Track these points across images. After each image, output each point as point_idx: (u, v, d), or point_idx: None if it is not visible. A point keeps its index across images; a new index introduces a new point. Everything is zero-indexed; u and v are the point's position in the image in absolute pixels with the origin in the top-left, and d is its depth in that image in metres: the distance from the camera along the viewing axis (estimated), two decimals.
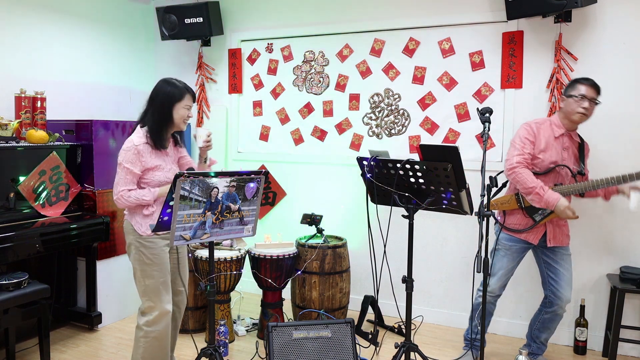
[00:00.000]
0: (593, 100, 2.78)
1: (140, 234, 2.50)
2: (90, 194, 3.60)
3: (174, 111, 2.52)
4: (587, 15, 3.30)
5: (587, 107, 2.77)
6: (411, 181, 2.34)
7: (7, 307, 2.76)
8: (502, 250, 2.97)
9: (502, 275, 2.98)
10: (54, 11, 3.91)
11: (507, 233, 2.94)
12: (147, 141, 2.49)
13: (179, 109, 2.52)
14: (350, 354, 2.74)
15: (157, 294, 2.53)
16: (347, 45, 4.05)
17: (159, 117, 2.52)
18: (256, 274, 3.47)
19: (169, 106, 2.51)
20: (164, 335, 2.56)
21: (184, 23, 4.24)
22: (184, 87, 2.56)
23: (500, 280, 2.99)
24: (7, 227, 3.03)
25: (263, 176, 2.32)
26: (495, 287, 2.99)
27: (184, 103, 2.53)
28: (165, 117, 2.52)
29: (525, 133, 2.86)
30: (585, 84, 2.80)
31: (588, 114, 2.79)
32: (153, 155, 2.51)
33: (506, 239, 2.96)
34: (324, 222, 3.90)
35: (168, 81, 2.56)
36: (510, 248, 2.95)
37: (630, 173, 2.70)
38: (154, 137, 2.50)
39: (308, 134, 4.25)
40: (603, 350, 3.33)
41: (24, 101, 3.42)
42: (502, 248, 2.97)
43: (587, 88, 2.79)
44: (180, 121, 2.55)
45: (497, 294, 3.03)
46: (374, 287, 2.53)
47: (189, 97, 2.55)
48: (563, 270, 2.90)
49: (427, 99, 3.80)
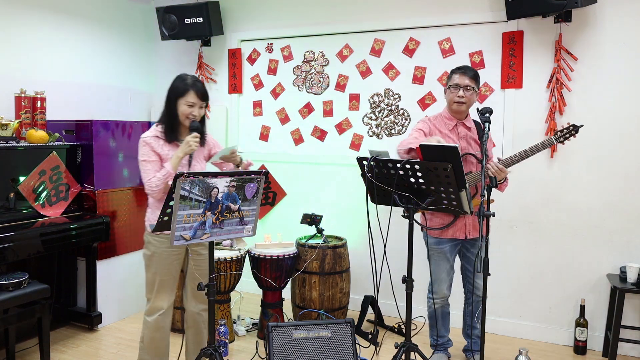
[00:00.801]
0: (467, 87, 2.79)
1: (148, 229, 2.55)
2: (90, 194, 3.60)
3: (177, 106, 2.53)
4: (587, 15, 3.30)
5: (462, 95, 2.79)
6: (411, 181, 2.34)
7: (7, 307, 2.76)
8: (435, 255, 2.96)
9: (445, 277, 3.00)
10: (54, 11, 3.91)
11: (434, 236, 2.93)
12: (157, 134, 2.54)
13: (181, 104, 2.52)
14: (350, 354, 2.74)
15: (152, 289, 2.60)
16: (347, 45, 4.05)
17: (166, 110, 2.56)
18: (256, 274, 3.47)
19: (173, 100, 2.53)
20: (160, 327, 2.61)
21: (184, 23, 4.24)
22: (191, 83, 2.53)
23: (445, 282, 3.01)
24: (7, 227, 3.03)
25: (263, 176, 2.32)
26: (443, 290, 3.01)
27: (186, 99, 2.51)
28: (171, 111, 2.54)
29: (421, 125, 2.90)
30: (457, 72, 2.83)
31: (466, 101, 2.81)
32: (166, 148, 2.54)
33: (434, 242, 2.94)
34: (324, 222, 3.90)
35: (180, 76, 2.58)
36: (442, 250, 2.95)
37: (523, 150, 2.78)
38: (165, 130, 2.54)
39: (308, 134, 4.25)
40: (603, 350, 3.33)
41: (24, 101, 3.42)
42: (435, 253, 2.96)
43: (459, 76, 2.81)
44: (182, 117, 2.54)
45: (447, 295, 3.05)
46: (374, 287, 2.53)
47: (192, 94, 2.51)
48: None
49: (427, 99, 3.80)
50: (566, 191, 3.43)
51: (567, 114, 3.38)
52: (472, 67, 2.95)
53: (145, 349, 2.64)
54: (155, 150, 2.52)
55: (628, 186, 3.27)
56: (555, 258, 3.48)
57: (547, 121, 3.43)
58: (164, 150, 2.53)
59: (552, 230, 3.48)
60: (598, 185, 3.35)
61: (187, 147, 2.45)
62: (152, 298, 2.60)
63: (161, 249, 2.55)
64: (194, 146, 2.46)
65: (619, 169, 3.29)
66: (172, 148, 2.55)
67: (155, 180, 2.46)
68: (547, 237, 3.50)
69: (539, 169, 3.46)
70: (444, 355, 3.15)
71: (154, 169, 2.50)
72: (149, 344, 2.63)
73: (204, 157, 2.69)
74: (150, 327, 2.61)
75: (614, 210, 3.32)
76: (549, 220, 3.49)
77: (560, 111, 3.39)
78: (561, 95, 3.38)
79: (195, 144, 2.47)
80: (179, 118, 2.54)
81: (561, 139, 2.76)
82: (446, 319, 3.14)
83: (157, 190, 2.47)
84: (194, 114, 2.53)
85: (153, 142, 2.52)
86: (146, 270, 2.61)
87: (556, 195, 3.45)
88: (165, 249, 2.55)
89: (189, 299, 2.71)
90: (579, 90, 3.36)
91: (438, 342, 3.14)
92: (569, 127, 2.76)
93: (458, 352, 3.31)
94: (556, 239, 3.47)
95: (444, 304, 3.07)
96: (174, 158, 2.47)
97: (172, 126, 2.55)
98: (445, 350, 3.18)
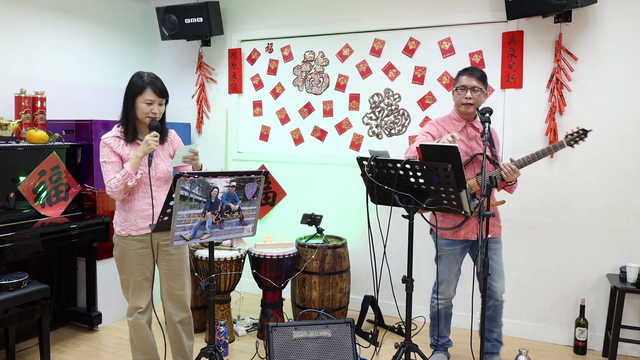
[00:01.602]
0: (474, 88, 2.80)
1: (116, 232, 2.56)
2: (90, 194, 3.60)
3: (136, 104, 2.48)
4: (587, 15, 3.30)
5: (469, 96, 2.80)
6: (411, 181, 2.34)
7: (7, 307, 2.76)
8: (445, 256, 2.96)
9: (453, 279, 3.00)
10: (54, 11, 3.91)
11: (446, 237, 2.92)
12: (118, 135, 2.51)
13: (139, 102, 2.47)
14: (350, 354, 2.74)
15: (127, 290, 2.62)
16: (347, 45, 4.05)
17: (124, 110, 2.52)
18: (256, 274, 3.47)
19: (131, 99, 2.49)
20: (140, 326, 2.62)
21: (184, 23, 4.24)
22: (149, 80, 2.47)
23: (452, 284, 3.01)
24: (7, 227, 3.03)
25: (263, 176, 2.32)
26: (450, 291, 3.01)
27: (144, 97, 2.46)
28: (128, 109, 2.50)
29: (429, 128, 2.92)
30: (464, 73, 2.85)
31: (474, 102, 2.81)
32: (127, 148, 2.50)
33: (446, 243, 2.94)
34: (324, 222, 3.90)
35: (138, 73, 2.52)
36: (452, 252, 2.95)
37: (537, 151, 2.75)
38: (123, 129, 2.51)
39: (308, 134, 4.25)
40: (603, 350, 3.33)
41: (24, 101, 3.42)
42: (444, 254, 2.96)
43: (466, 77, 2.82)
44: (142, 116, 2.49)
45: (453, 297, 3.05)
46: (374, 287, 2.53)
47: (150, 92, 2.45)
48: (494, 263, 2.90)
49: (427, 99, 3.80)
50: (566, 191, 3.43)
51: (567, 114, 3.38)
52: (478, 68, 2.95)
53: (137, 349, 2.66)
54: (116, 151, 2.48)
55: (628, 186, 3.28)
56: (555, 258, 3.48)
57: (547, 121, 3.43)
58: (125, 150, 2.50)
59: (552, 230, 3.48)
60: (598, 185, 3.35)
61: (146, 147, 2.41)
62: (129, 298, 2.63)
63: (129, 250, 2.54)
64: (153, 145, 2.41)
65: (619, 169, 3.29)
66: (133, 148, 2.51)
67: (115, 181, 2.42)
68: (547, 237, 3.50)
69: (539, 169, 3.46)
70: (443, 356, 3.15)
71: (114, 170, 2.46)
72: (138, 343, 2.65)
73: (169, 155, 2.64)
74: (132, 327, 2.63)
75: (614, 210, 3.32)
76: (549, 220, 3.49)
77: (560, 111, 3.39)
78: (561, 95, 3.38)
79: (155, 143, 2.42)
80: (137, 116, 2.50)
81: (571, 143, 2.74)
82: (448, 319, 3.14)
83: (117, 192, 2.43)
84: (154, 112, 2.49)
85: (112, 143, 2.49)
86: (119, 271, 2.62)
87: (556, 195, 3.46)
88: (133, 250, 2.54)
89: (165, 302, 2.69)
90: (579, 90, 3.36)
91: (439, 342, 3.14)
92: (579, 132, 2.72)
93: (458, 352, 3.31)
94: (556, 239, 3.48)
95: (448, 305, 3.08)
96: (133, 158, 2.43)
97: (127, 125, 2.50)
98: (445, 350, 3.19)
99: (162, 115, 2.58)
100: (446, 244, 2.94)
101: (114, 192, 2.44)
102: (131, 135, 2.51)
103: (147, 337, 2.66)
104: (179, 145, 2.69)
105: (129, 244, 2.53)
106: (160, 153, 2.59)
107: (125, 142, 2.50)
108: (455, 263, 2.97)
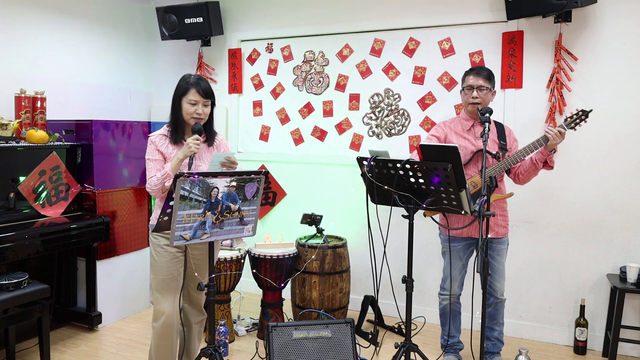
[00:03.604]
0: (481, 87, 2.82)
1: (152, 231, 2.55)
2: (90, 194, 3.60)
3: (181, 105, 2.52)
4: (587, 15, 3.30)
5: (476, 95, 2.83)
6: (411, 181, 2.34)
7: (7, 307, 2.76)
8: (448, 253, 2.98)
9: (457, 275, 3.01)
10: (54, 11, 3.91)
11: (451, 235, 2.94)
12: (165, 133, 2.55)
13: (184, 103, 2.51)
14: (350, 354, 2.74)
15: (154, 291, 2.56)
16: (347, 45, 4.05)
17: (172, 109, 2.55)
18: (256, 274, 3.47)
19: (177, 100, 2.53)
20: (166, 334, 2.53)
21: (184, 23, 4.24)
22: (194, 81, 2.50)
23: (457, 281, 3.01)
24: (7, 227, 3.03)
25: (263, 176, 2.32)
26: (454, 287, 3.01)
27: (188, 98, 2.49)
28: (175, 110, 2.53)
29: (434, 131, 2.98)
30: (471, 73, 2.87)
31: (481, 102, 2.84)
32: (171, 147, 2.53)
33: (447, 239, 2.97)
34: (324, 222, 3.90)
35: (184, 76, 2.56)
36: (455, 249, 2.97)
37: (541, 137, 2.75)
38: (171, 129, 2.54)
39: (308, 134, 4.25)
40: (603, 350, 3.33)
41: (24, 101, 3.42)
42: (448, 251, 2.98)
43: (473, 77, 2.85)
44: (187, 117, 2.52)
45: (458, 294, 3.05)
46: (374, 287, 2.53)
47: (194, 92, 2.48)
48: (496, 263, 2.92)
49: (427, 99, 3.80)
50: (566, 191, 3.43)
51: (567, 114, 3.38)
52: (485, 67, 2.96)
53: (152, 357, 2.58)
54: (159, 149, 2.52)
55: (628, 186, 3.28)
56: (555, 258, 3.48)
57: (547, 121, 3.43)
58: (169, 149, 2.53)
59: (552, 230, 3.48)
60: (598, 185, 3.35)
61: (187, 149, 2.42)
62: (155, 300, 2.55)
63: (158, 247, 2.52)
64: (193, 148, 2.42)
65: (619, 168, 3.29)
66: (178, 148, 2.53)
67: (155, 180, 2.45)
68: (547, 237, 3.50)
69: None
70: (454, 358, 3.12)
71: (155, 168, 2.50)
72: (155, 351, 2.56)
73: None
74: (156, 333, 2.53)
75: (614, 210, 3.32)
76: (548, 220, 3.49)
77: (560, 111, 3.39)
78: (561, 95, 3.38)
79: (196, 147, 2.43)
80: (183, 118, 2.53)
81: (572, 125, 2.74)
82: (457, 318, 3.12)
83: (156, 190, 2.46)
84: (198, 112, 2.50)
85: (158, 141, 2.52)
86: (150, 271, 2.57)
87: (556, 195, 3.46)
88: (162, 245, 2.52)
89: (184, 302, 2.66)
90: (579, 90, 3.36)
91: (448, 343, 3.12)
92: (578, 113, 2.71)
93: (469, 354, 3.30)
94: (556, 239, 3.48)
95: (453, 301, 3.06)
96: (174, 159, 2.46)
97: (177, 126, 2.54)
98: (456, 352, 3.15)
99: (209, 119, 2.60)
100: (447, 240, 2.96)
101: (152, 190, 2.47)
102: (176, 136, 2.54)
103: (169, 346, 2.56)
104: (225, 151, 2.69)
105: (157, 239, 2.52)
106: (205, 156, 2.61)
107: (171, 141, 2.53)
108: (458, 259, 2.98)
